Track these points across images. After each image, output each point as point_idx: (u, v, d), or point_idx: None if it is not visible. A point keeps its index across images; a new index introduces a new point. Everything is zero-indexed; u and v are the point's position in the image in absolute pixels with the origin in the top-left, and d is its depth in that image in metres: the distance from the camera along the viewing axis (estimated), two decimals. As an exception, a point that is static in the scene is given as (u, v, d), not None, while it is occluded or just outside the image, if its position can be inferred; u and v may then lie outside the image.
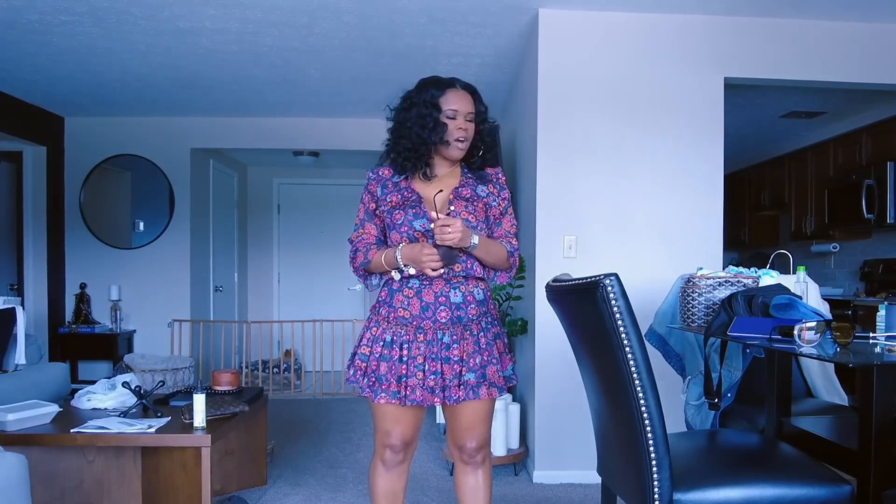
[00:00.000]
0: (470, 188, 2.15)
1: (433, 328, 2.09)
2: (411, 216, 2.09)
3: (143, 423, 2.79)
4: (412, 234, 2.09)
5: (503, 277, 2.23)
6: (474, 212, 2.13)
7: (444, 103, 2.10)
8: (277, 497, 3.33)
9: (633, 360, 1.63)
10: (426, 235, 2.07)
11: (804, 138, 6.13)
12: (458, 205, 2.12)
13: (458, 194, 2.13)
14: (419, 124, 2.09)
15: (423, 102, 2.11)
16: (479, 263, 2.14)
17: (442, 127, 2.09)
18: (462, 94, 2.13)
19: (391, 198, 2.13)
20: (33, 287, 5.68)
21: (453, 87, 2.13)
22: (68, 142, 5.92)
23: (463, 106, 2.11)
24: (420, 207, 2.09)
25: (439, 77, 2.18)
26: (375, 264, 2.13)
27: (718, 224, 3.65)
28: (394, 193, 2.13)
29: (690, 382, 2.77)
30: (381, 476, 2.23)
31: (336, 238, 7.52)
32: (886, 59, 3.67)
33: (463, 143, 2.13)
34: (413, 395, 2.06)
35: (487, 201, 2.16)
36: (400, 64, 4.34)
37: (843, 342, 1.82)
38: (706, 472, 1.80)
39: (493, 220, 2.19)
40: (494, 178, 2.22)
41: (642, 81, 3.62)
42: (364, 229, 2.19)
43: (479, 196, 2.15)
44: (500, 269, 2.20)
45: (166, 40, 3.97)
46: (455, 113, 2.10)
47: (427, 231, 2.07)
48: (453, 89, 2.13)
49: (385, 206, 2.14)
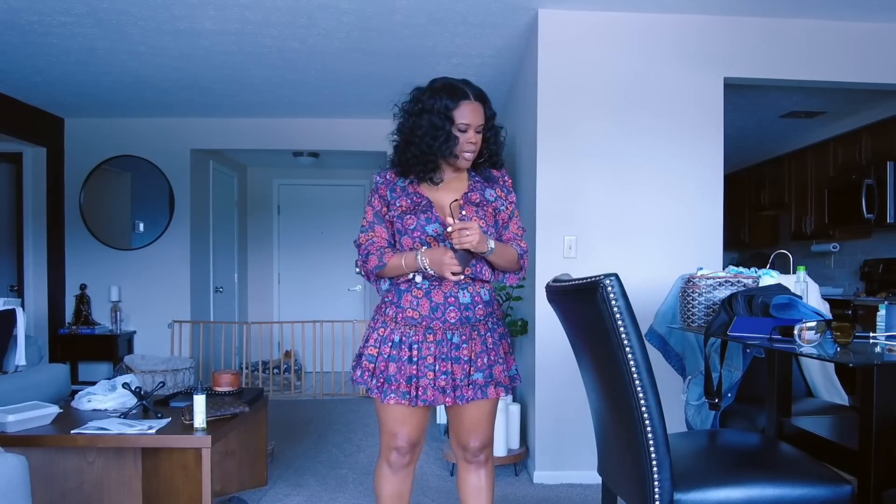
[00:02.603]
0: (479, 192, 2.15)
1: (443, 328, 2.09)
2: (423, 221, 2.08)
3: (143, 424, 2.79)
4: (425, 239, 2.08)
5: (512, 279, 2.23)
6: (484, 217, 2.13)
7: (457, 116, 2.06)
8: (278, 498, 3.33)
9: (634, 360, 1.63)
10: (438, 240, 2.07)
11: (804, 138, 6.13)
12: (469, 210, 2.12)
13: (468, 199, 2.13)
14: (430, 135, 2.06)
15: (436, 112, 2.06)
16: (487, 267, 2.14)
17: (454, 141, 2.07)
18: (475, 107, 2.09)
19: (401, 202, 2.11)
20: (33, 288, 5.68)
21: (467, 98, 2.08)
22: (68, 143, 5.93)
23: (475, 119, 2.08)
24: (431, 212, 2.08)
25: (454, 84, 2.11)
26: (392, 267, 2.09)
27: (718, 224, 3.65)
28: (402, 198, 2.12)
29: (691, 382, 2.77)
30: (388, 479, 2.22)
31: (336, 239, 7.53)
32: (886, 59, 3.67)
33: (471, 155, 2.12)
34: (424, 396, 2.07)
35: (496, 206, 2.16)
36: (400, 64, 4.34)
37: (843, 342, 1.81)
38: (707, 472, 1.80)
39: (501, 224, 2.19)
40: (501, 182, 2.22)
41: (642, 81, 3.62)
42: (374, 232, 2.15)
43: (488, 200, 2.15)
44: (510, 272, 2.20)
45: (166, 41, 3.97)
46: (467, 127, 2.07)
47: (439, 236, 2.07)
48: (467, 101, 2.07)
49: (395, 211, 2.12)
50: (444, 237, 2.05)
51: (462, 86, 2.10)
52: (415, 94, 2.13)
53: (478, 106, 2.10)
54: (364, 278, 2.21)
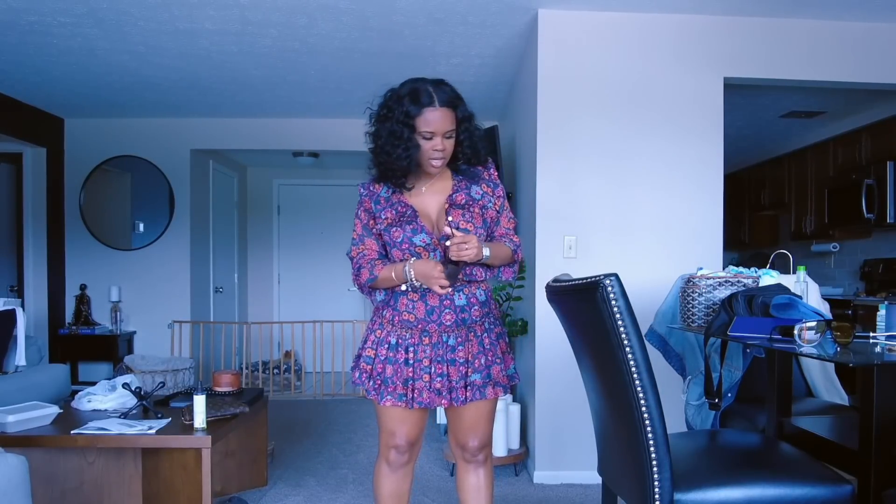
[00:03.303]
0: (464, 192, 2.11)
1: (438, 331, 2.08)
2: (409, 232, 2.05)
3: (143, 424, 2.79)
4: (413, 251, 2.06)
5: (507, 273, 2.19)
6: (472, 219, 2.08)
7: (420, 125, 1.97)
8: (278, 498, 3.33)
9: (634, 360, 1.63)
10: (427, 250, 2.05)
11: (804, 138, 6.13)
12: (455, 214, 2.07)
13: (453, 201, 2.09)
14: (390, 143, 1.99)
15: (397, 120, 1.98)
16: (479, 268, 2.12)
17: (414, 149, 1.99)
18: (441, 113, 1.98)
19: (386, 214, 2.09)
20: (33, 288, 5.68)
21: (431, 105, 1.97)
22: (68, 143, 5.92)
23: (441, 126, 1.99)
24: (417, 222, 2.06)
25: (418, 90, 1.99)
26: (383, 279, 2.08)
27: (718, 224, 3.65)
28: (387, 209, 2.09)
29: (691, 382, 2.77)
30: (386, 478, 2.22)
31: (336, 239, 7.52)
32: (886, 58, 3.67)
33: (439, 162, 2.04)
34: (420, 398, 2.07)
35: (483, 203, 2.12)
36: (399, 64, 4.33)
37: (843, 342, 1.81)
38: (707, 472, 1.80)
39: (490, 221, 2.15)
40: (486, 176, 2.16)
41: (642, 81, 3.62)
42: (364, 245, 2.14)
43: (474, 199, 2.11)
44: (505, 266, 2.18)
45: (166, 41, 3.97)
46: (431, 134, 1.99)
47: (428, 246, 2.05)
48: (431, 108, 1.97)
49: (381, 224, 2.10)
50: (434, 246, 2.04)
51: (430, 90, 1.99)
52: (385, 97, 2.06)
53: (445, 112, 1.99)
54: (359, 291, 2.20)
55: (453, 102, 2.03)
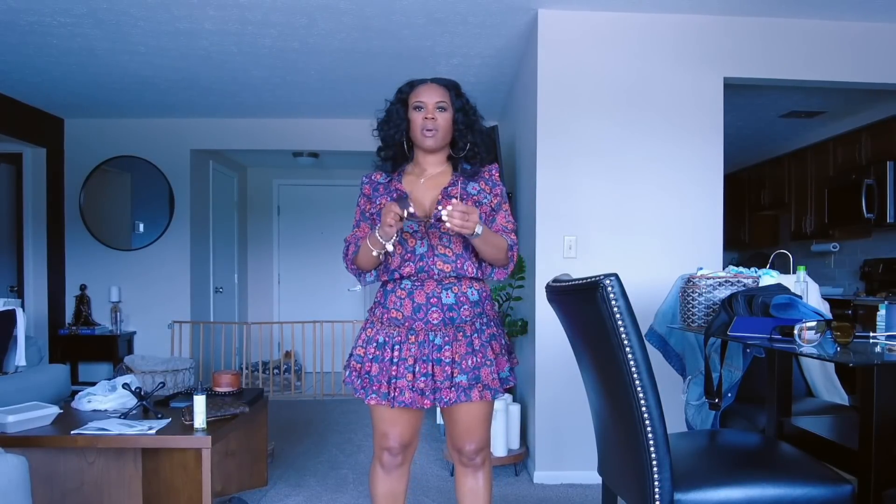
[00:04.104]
0: (460, 186, 2.12)
1: (425, 329, 2.06)
2: None
3: (143, 424, 2.79)
4: (401, 237, 2.07)
5: (500, 273, 2.16)
6: None
7: (412, 97, 2.11)
8: (278, 498, 3.33)
9: (634, 360, 1.63)
10: (415, 237, 2.07)
11: (804, 138, 6.14)
12: (446, 204, 2.04)
13: (446, 194, 2.09)
14: (387, 121, 2.15)
15: (395, 101, 2.15)
16: (470, 262, 2.09)
17: (405, 122, 2.12)
18: (431, 87, 2.12)
19: (381, 200, 2.13)
20: (33, 289, 5.68)
21: (424, 82, 2.14)
22: (68, 143, 5.93)
23: (431, 97, 2.10)
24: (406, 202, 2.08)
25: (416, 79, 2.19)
26: (362, 251, 2.07)
27: (718, 224, 3.65)
28: (383, 196, 2.13)
29: (691, 382, 2.77)
30: (381, 479, 2.22)
31: (336, 239, 7.51)
32: (886, 58, 3.67)
33: (431, 133, 2.10)
34: (402, 397, 2.04)
35: (478, 199, 2.11)
36: (399, 64, 4.34)
37: (843, 342, 1.81)
38: (707, 472, 1.80)
39: (484, 217, 2.11)
40: (486, 175, 2.18)
41: (642, 81, 3.62)
42: (359, 229, 2.19)
43: (469, 194, 2.11)
44: (499, 265, 2.13)
45: (166, 41, 3.97)
46: (422, 104, 2.09)
47: (415, 233, 2.07)
48: (423, 84, 2.13)
49: (375, 209, 2.13)
50: (423, 234, 2.06)
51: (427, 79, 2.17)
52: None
53: (435, 87, 2.12)
54: (352, 275, 2.20)
55: (447, 83, 2.16)
